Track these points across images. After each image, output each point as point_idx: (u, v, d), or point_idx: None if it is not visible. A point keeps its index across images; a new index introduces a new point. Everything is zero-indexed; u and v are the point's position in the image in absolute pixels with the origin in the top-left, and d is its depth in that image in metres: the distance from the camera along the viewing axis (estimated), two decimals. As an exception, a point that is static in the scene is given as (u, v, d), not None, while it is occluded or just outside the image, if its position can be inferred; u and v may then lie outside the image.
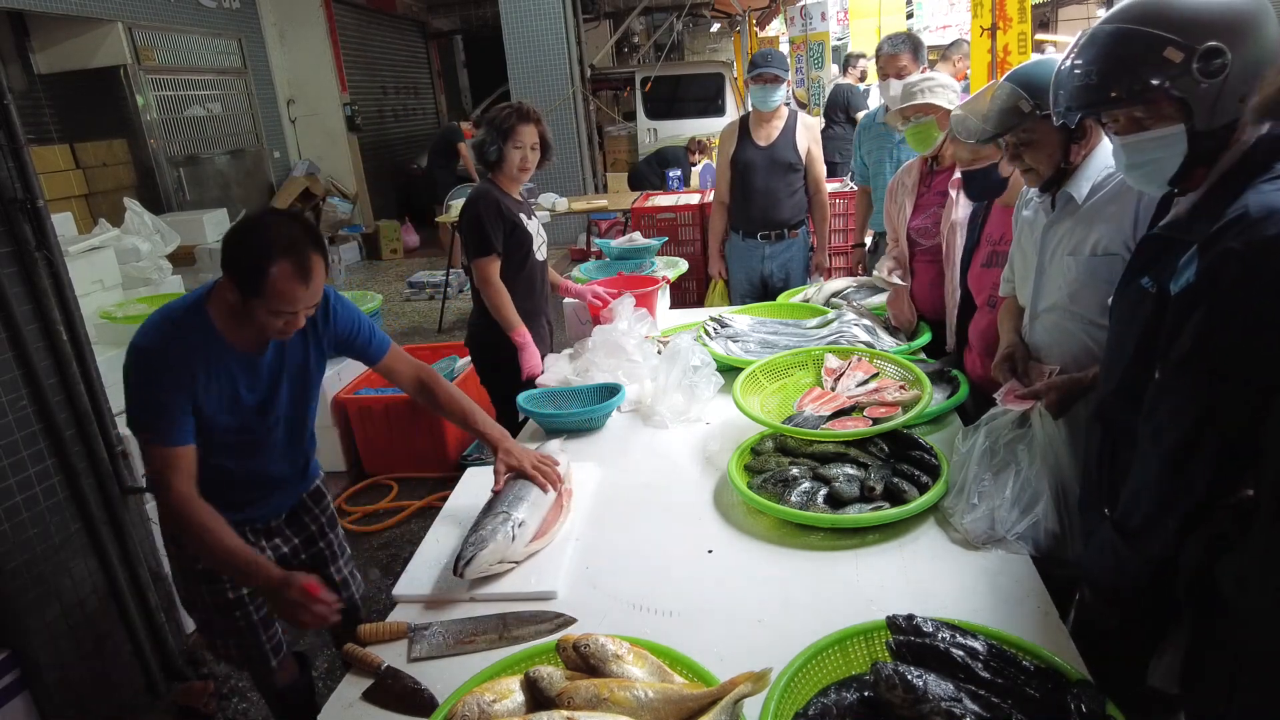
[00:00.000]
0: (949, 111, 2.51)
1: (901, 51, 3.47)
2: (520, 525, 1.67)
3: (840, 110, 6.91)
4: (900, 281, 2.72)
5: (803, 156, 3.74)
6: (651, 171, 7.60)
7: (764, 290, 3.90)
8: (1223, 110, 1.20)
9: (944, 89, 2.56)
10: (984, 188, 2.20)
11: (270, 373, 1.79)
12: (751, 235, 3.82)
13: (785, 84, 3.67)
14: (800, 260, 3.90)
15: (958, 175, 2.59)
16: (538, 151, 2.82)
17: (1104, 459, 1.47)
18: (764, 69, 3.59)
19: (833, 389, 2.21)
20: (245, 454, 1.81)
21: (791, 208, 3.78)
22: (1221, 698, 1.12)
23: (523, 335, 2.86)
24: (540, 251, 3.00)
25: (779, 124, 3.72)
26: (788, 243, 3.82)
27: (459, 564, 1.58)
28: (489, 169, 2.87)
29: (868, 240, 4.14)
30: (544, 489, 1.81)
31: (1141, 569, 1.25)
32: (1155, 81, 1.21)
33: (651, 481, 2.05)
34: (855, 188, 4.15)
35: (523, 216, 2.89)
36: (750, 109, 3.80)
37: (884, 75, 3.54)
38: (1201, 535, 1.17)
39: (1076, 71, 1.30)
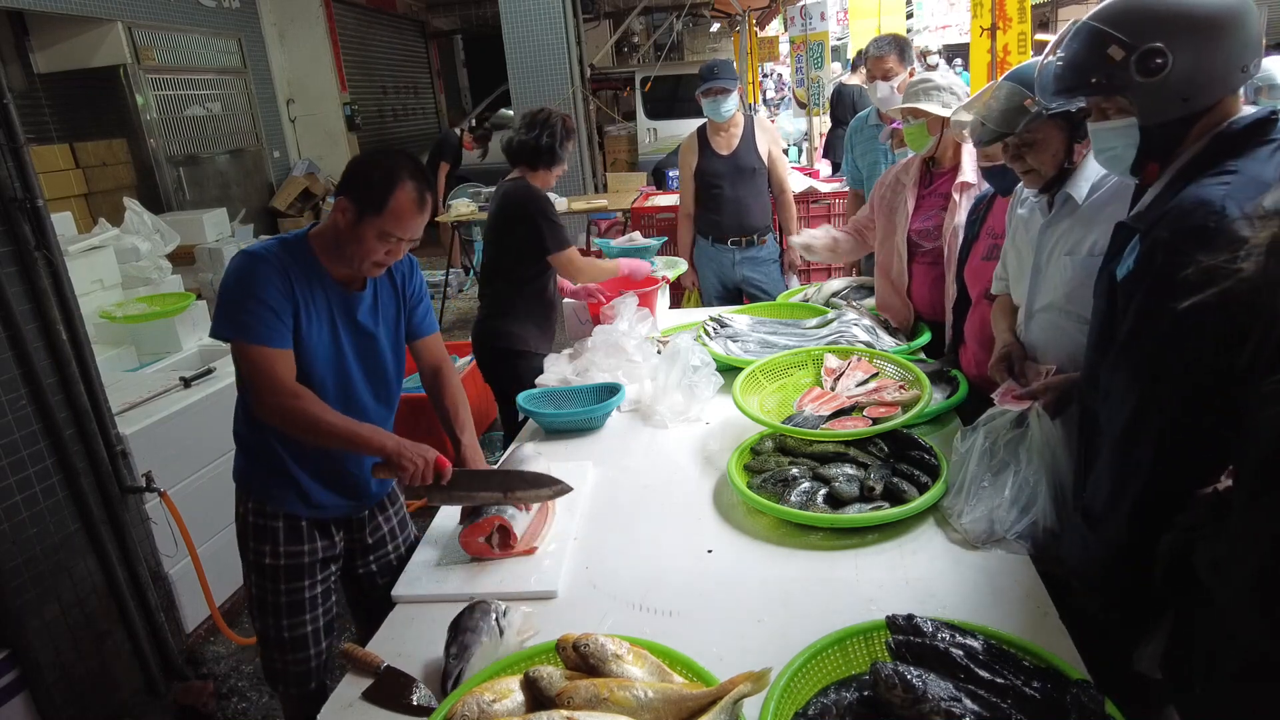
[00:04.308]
0: (939, 117, 2.50)
1: (887, 53, 3.47)
2: (504, 614, 1.45)
3: (849, 110, 6.89)
4: (812, 239, 2.80)
5: (764, 159, 3.75)
6: None
7: (737, 297, 3.91)
8: (1163, 109, 1.27)
9: (939, 92, 2.54)
10: (1009, 181, 2.17)
11: (367, 316, 1.82)
12: (721, 241, 3.83)
13: (736, 92, 3.67)
14: (775, 270, 3.91)
15: (960, 179, 2.58)
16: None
17: (1081, 446, 1.49)
18: (713, 82, 3.58)
19: (832, 389, 2.21)
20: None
21: (760, 212, 3.80)
22: (1199, 680, 1.12)
23: (625, 264, 3.13)
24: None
25: (737, 131, 3.74)
26: (757, 249, 3.83)
27: (447, 682, 1.34)
28: (533, 165, 2.89)
29: None
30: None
31: (1104, 553, 1.29)
32: (1095, 77, 1.30)
33: (651, 481, 2.05)
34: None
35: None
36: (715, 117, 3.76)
37: (871, 78, 3.55)
38: (1179, 525, 1.18)
39: (1053, 60, 1.38)
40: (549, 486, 1.80)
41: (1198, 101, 1.25)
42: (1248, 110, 1.27)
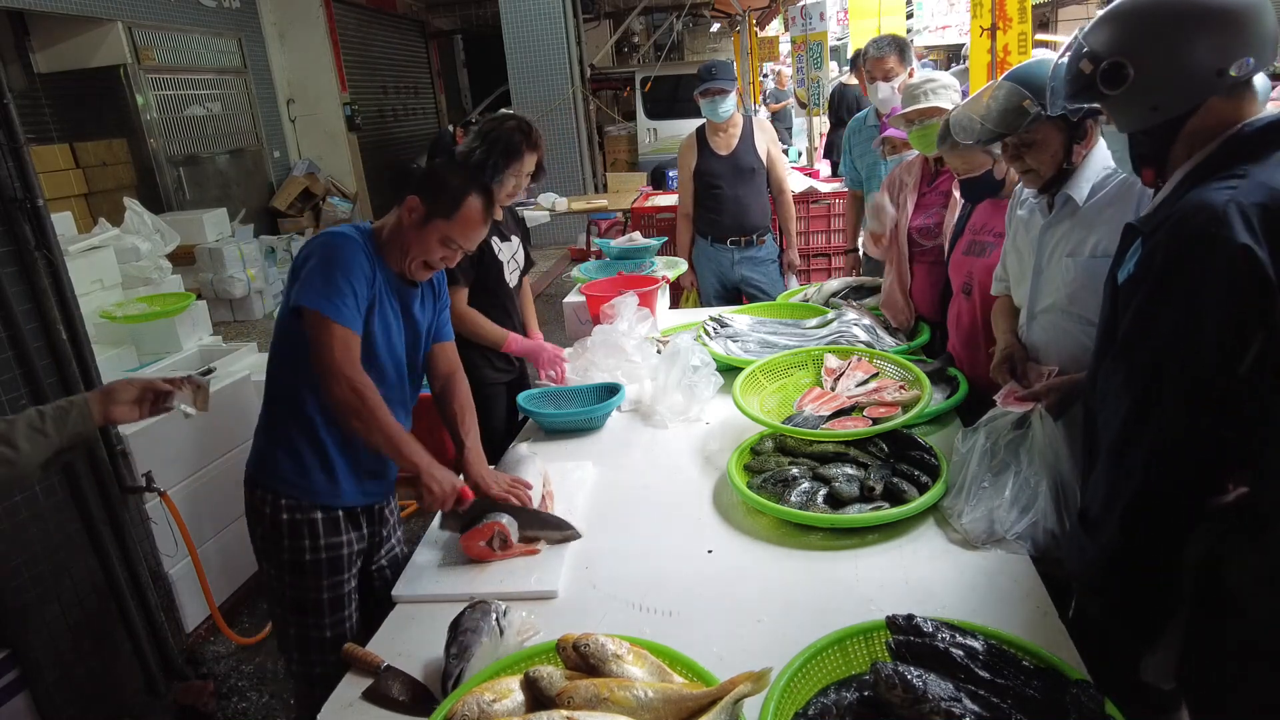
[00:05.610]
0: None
1: (887, 54, 3.47)
2: (504, 614, 1.44)
3: (851, 111, 6.88)
4: (890, 213, 2.66)
5: (763, 159, 3.76)
6: None
7: (736, 297, 3.91)
8: (1135, 118, 1.28)
9: (946, 90, 2.56)
10: (981, 192, 2.20)
11: (419, 311, 1.89)
12: (720, 241, 3.84)
13: (734, 93, 3.68)
14: (774, 270, 3.91)
15: (960, 176, 2.59)
16: (529, 178, 2.63)
17: (1085, 448, 1.49)
18: (711, 83, 3.59)
19: (832, 389, 2.21)
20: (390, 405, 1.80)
21: (759, 212, 3.81)
22: (1228, 692, 1.12)
23: (516, 342, 2.66)
24: (512, 277, 2.73)
25: (735, 131, 3.75)
26: (756, 249, 3.83)
27: (447, 682, 1.33)
28: None
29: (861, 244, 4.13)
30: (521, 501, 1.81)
31: (1099, 558, 1.28)
32: (1072, 90, 1.33)
33: (651, 481, 2.05)
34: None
35: (494, 240, 2.62)
36: (714, 117, 3.73)
37: (871, 78, 3.54)
38: (1206, 532, 1.17)
39: (1063, 64, 1.40)
40: (558, 530, 1.80)
41: (1170, 109, 1.24)
42: (1269, 112, 1.23)
